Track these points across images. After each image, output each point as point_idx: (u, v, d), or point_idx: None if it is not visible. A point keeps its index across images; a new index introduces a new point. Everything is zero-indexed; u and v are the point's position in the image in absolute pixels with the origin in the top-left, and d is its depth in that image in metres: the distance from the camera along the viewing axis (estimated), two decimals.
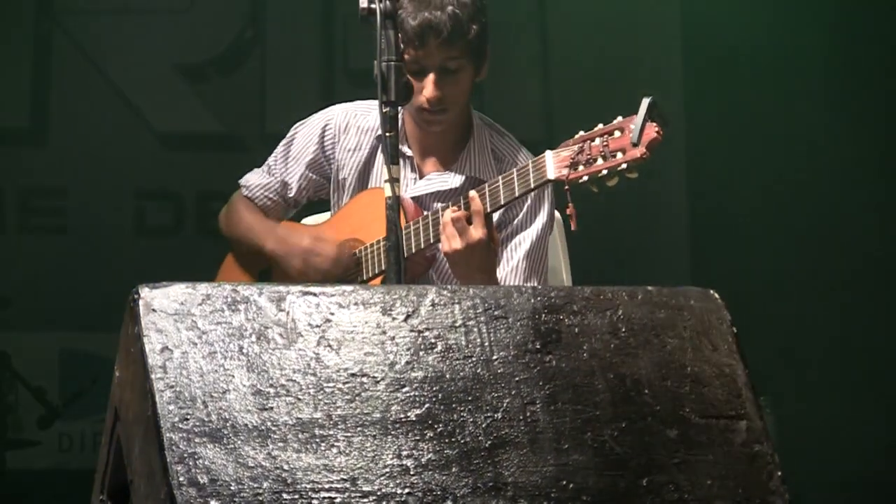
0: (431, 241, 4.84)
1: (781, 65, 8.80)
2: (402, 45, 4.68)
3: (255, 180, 5.35)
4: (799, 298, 8.60)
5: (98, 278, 7.65)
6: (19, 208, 8.69)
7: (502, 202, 4.75)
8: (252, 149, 5.61)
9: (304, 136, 5.31)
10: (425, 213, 4.89)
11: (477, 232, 4.70)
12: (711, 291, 3.27)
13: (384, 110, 4.36)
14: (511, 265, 5.09)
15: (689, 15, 8.87)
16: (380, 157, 5.04)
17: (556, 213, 5.16)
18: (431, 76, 4.95)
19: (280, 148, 5.32)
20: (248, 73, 8.80)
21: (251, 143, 5.57)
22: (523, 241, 5.12)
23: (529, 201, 5.07)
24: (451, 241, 4.70)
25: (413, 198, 4.93)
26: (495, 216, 4.94)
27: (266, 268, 5.27)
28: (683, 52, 8.92)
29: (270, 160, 5.32)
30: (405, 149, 5.02)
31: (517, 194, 4.73)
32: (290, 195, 5.32)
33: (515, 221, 5.10)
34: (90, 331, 7.54)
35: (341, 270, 5.04)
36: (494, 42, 4.96)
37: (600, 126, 4.59)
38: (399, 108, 4.42)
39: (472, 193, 4.73)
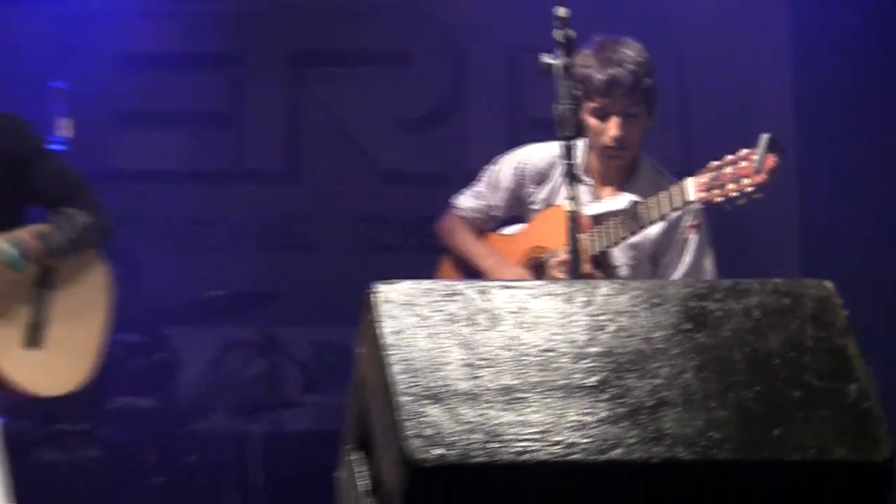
0: (601, 248, 4.92)
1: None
2: (588, 94, 4.74)
3: (465, 202, 5.48)
4: None
5: (338, 285, 7.70)
6: (282, 233, 8.76)
7: (656, 218, 4.81)
8: (456, 183, 5.61)
9: (505, 169, 5.40)
10: (596, 226, 4.95)
11: (585, 268, 4.77)
12: (826, 282, 3.23)
13: (564, 142, 4.39)
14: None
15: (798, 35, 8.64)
16: (560, 182, 5.09)
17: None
18: (615, 120, 5.00)
19: (484, 177, 5.42)
20: (454, 123, 8.80)
21: (455, 179, 5.58)
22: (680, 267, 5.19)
23: (683, 235, 5.16)
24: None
25: (590, 215, 4.96)
26: (657, 231, 5.01)
27: (473, 270, 5.37)
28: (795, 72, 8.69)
29: (477, 187, 5.44)
30: (586, 178, 5.09)
31: (667, 212, 4.81)
32: (491, 214, 5.44)
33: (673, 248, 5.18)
34: (334, 325, 7.56)
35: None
36: None
37: (728, 157, 4.64)
38: (574, 140, 4.44)
39: (584, 237, 4.79)
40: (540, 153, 5.34)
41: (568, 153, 4.41)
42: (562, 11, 4.49)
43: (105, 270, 5.48)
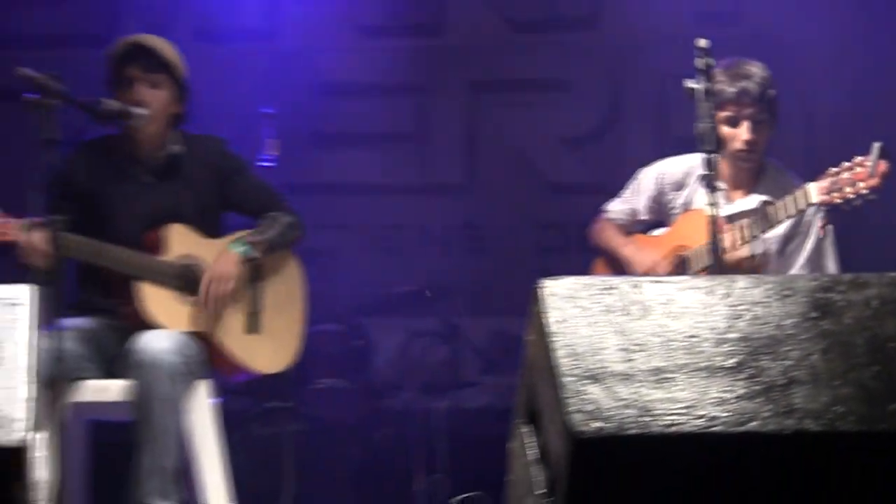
0: (735, 246, 4.91)
1: None
2: (719, 105, 4.72)
3: (614, 207, 5.48)
4: None
5: (510, 281, 7.71)
6: (461, 237, 8.80)
7: (783, 218, 4.79)
8: (613, 193, 5.62)
9: (647, 178, 5.39)
10: (732, 226, 4.93)
11: (742, 252, 4.75)
12: None
13: (705, 155, 4.38)
14: (796, 267, 5.08)
15: None
16: (699, 188, 5.08)
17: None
18: (746, 125, 4.99)
19: (631, 185, 5.42)
20: (610, 141, 8.77)
21: (611, 189, 5.58)
22: (802, 254, 5.13)
23: (805, 228, 5.11)
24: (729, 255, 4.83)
25: (725, 216, 4.94)
26: (784, 229, 4.97)
27: (622, 267, 5.35)
28: None
29: (624, 194, 5.43)
30: (719, 183, 5.05)
31: (793, 213, 4.79)
32: (637, 217, 5.43)
33: (798, 237, 5.12)
34: (507, 315, 7.57)
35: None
36: None
37: (844, 164, 4.62)
38: (715, 154, 4.44)
39: (732, 225, 4.77)
40: (677, 164, 5.36)
41: (708, 164, 4.42)
42: (702, 43, 4.51)
43: (298, 265, 5.56)
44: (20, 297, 3.15)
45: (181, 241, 5.17)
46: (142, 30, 7.91)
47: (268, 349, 5.34)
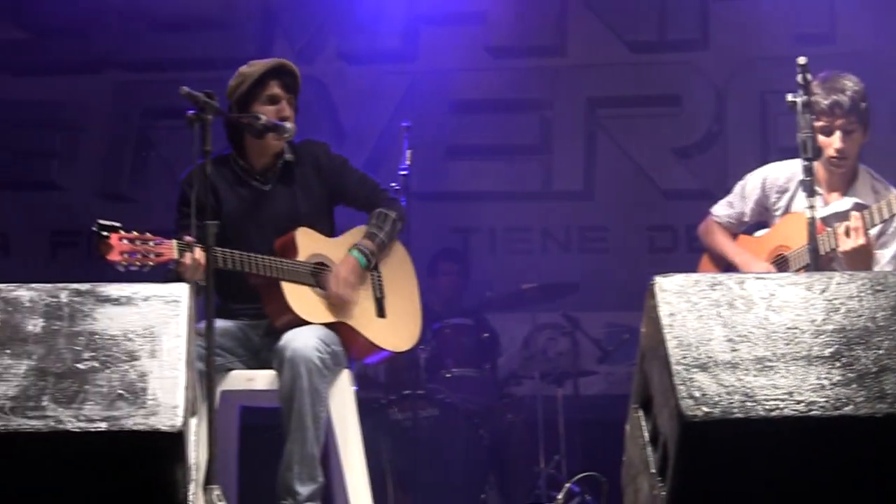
0: (833, 247, 4.84)
1: None
2: (815, 115, 4.68)
3: (721, 210, 5.44)
4: None
5: (625, 279, 7.68)
6: (581, 239, 8.80)
7: (878, 222, 4.73)
8: (719, 198, 5.57)
9: (753, 183, 5.34)
10: (828, 228, 4.87)
11: (859, 240, 4.67)
12: None
13: (804, 163, 4.35)
14: (883, 263, 5.01)
15: None
16: (799, 192, 5.03)
17: None
18: (838, 134, 4.94)
19: (737, 189, 5.38)
20: (716, 150, 8.72)
21: (718, 195, 5.54)
22: (890, 251, 5.05)
23: (894, 228, 5.04)
24: (842, 244, 4.71)
25: (821, 218, 4.89)
26: (876, 230, 4.90)
27: (727, 265, 5.33)
28: None
29: (730, 197, 5.41)
30: (818, 187, 5.00)
31: (886, 216, 4.73)
32: (742, 219, 5.40)
33: (888, 235, 5.04)
34: (623, 310, 7.54)
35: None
36: None
37: None
38: (813, 161, 4.41)
39: (856, 214, 4.70)
40: (780, 169, 5.31)
41: (808, 172, 4.39)
42: (801, 60, 4.49)
43: (403, 249, 5.59)
44: (178, 295, 3.21)
45: (308, 243, 5.23)
46: (291, 54, 8.07)
47: (397, 329, 5.38)
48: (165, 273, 4.74)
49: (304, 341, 4.92)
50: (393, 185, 6.17)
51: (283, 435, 4.90)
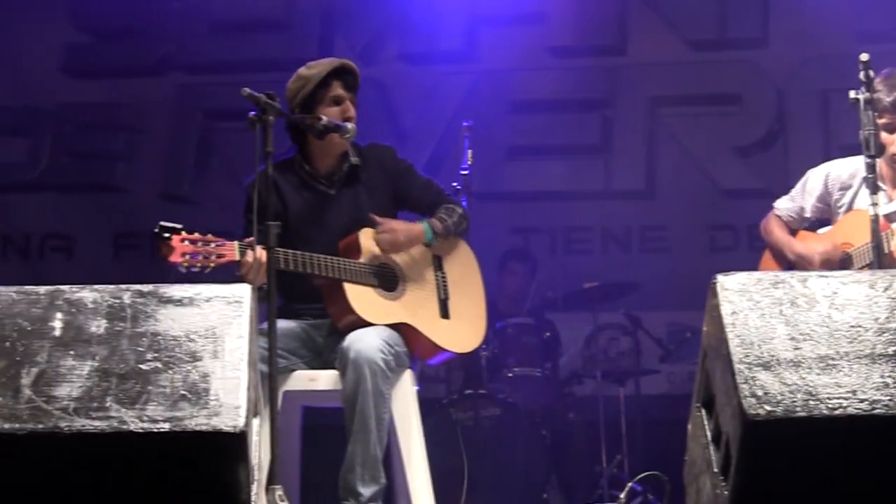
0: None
1: None
2: (878, 112, 4.62)
3: (783, 205, 5.39)
4: None
5: (686, 278, 7.65)
6: (642, 238, 8.78)
7: None
8: (777, 195, 5.54)
9: (815, 178, 5.30)
10: (891, 226, 4.82)
11: None
12: None
13: (867, 160, 4.30)
14: None
15: None
16: (863, 189, 4.97)
17: None
18: None
19: (800, 184, 5.34)
20: (777, 149, 8.67)
21: (779, 194, 5.50)
22: None
23: None
24: (890, 244, 4.66)
25: (884, 215, 4.83)
26: None
27: (788, 261, 5.29)
28: None
29: (793, 192, 5.38)
30: (881, 184, 4.94)
31: None
32: (804, 215, 5.34)
33: None
34: (684, 309, 7.50)
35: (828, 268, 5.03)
36: None
37: None
38: (876, 158, 4.36)
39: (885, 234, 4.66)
40: (843, 166, 5.25)
41: (871, 168, 4.35)
42: (864, 56, 4.44)
43: (471, 252, 5.58)
44: (240, 296, 3.22)
45: (372, 244, 5.23)
46: (352, 55, 8.10)
47: (461, 331, 5.37)
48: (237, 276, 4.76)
49: (368, 343, 4.92)
50: (454, 184, 6.18)
51: (346, 436, 4.90)
